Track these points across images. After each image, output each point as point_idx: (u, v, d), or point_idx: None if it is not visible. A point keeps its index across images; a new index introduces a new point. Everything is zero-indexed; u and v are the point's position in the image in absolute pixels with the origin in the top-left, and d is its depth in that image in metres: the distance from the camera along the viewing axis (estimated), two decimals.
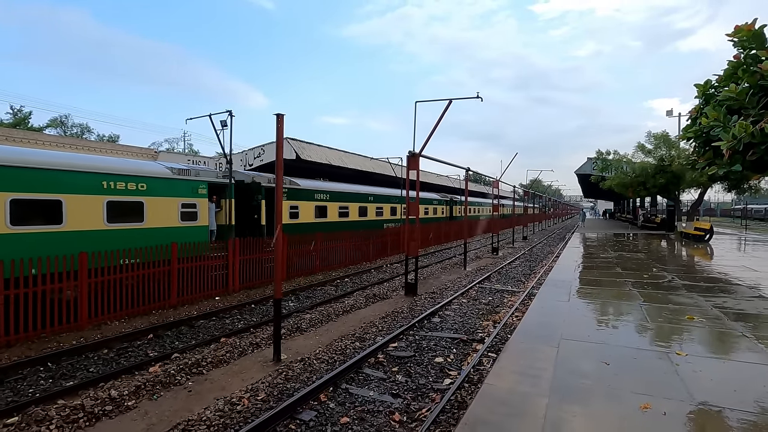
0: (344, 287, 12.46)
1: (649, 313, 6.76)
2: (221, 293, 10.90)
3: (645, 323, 6.19)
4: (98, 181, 9.03)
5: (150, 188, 9.99)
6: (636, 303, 7.45)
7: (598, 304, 7.57)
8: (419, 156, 11.28)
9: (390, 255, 19.29)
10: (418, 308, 9.66)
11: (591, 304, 7.49)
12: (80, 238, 8.64)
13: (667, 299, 7.76)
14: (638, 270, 11.20)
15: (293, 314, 9.12)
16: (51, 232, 8.30)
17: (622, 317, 6.59)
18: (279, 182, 6.35)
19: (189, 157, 23.90)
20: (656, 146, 21.73)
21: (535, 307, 7.39)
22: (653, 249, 16.89)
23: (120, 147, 25.70)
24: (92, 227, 8.88)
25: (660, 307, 7.17)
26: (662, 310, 6.92)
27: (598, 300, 7.84)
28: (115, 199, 9.29)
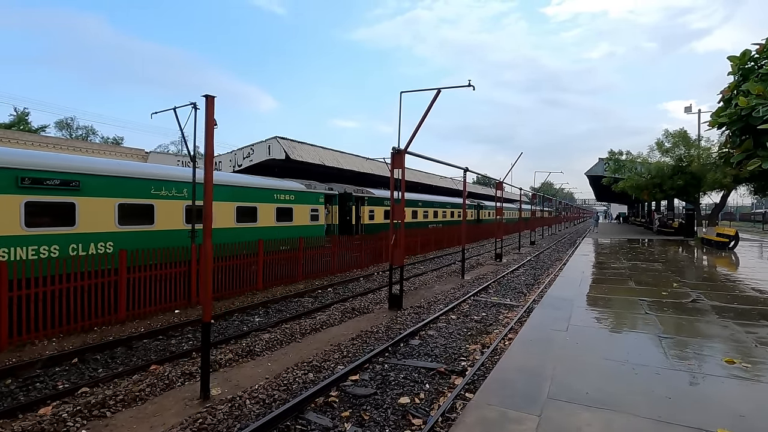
0: (324, 298, 11.27)
1: (671, 350, 5.20)
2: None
3: (667, 369, 4.55)
4: (273, 194, 13.59)
5: (296, 198, 14.51)
6: (653, 335, 5.86)
7: (605, 335, 5.92)
8: (405, 153, 10.05)
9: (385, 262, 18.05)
10: (398, 326, 8.40)
11: (595, 336, 5.85)
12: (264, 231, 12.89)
13: (693, 329, 6.19)
14: (655, 285, 9.64)
15: (251, 333, 7.93)
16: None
17: (635, 358, 4.89)
18: (208, 175, 5.18)
19: (179, 158, 23.02)
20: (674, 145, 20.08)
21: (522, 338, 5.87)
22: (671, 258, 15.25)
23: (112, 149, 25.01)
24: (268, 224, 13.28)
25: (685, 341, 5.59)
26: (689, 347, 5.36)
27: (605, 329, 6.23)
28: (280, 206, 13.83)
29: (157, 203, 9.93)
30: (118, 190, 9.02)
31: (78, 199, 8.50)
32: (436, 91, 9.69)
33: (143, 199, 9.65)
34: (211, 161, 5.22)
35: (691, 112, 22.44)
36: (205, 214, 5.19)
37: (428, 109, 9.78)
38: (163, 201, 10.06)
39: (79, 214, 8.48)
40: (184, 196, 10.52)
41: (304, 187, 15.00)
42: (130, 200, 9.33)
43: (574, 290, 9.08)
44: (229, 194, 11.93)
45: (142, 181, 9.67)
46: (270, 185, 13.61)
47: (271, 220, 13.34)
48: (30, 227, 7.75)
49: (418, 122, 9.86)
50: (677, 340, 5.67)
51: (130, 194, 9.37)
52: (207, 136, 5.22)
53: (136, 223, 9.46)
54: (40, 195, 7.91)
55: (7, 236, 7.43)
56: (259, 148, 19.42)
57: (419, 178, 31.47)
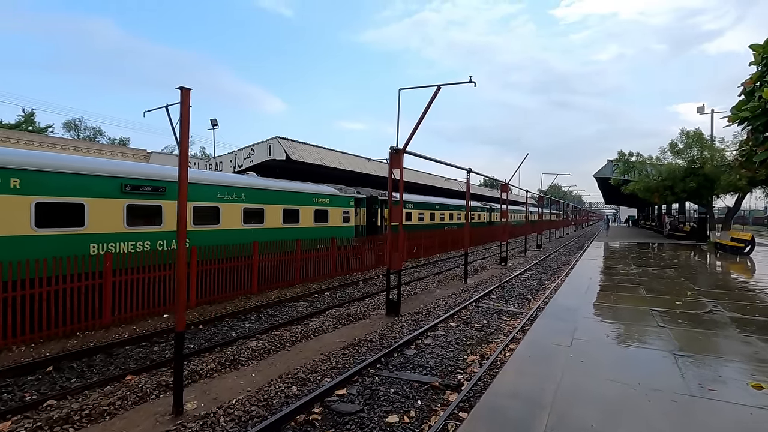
0: (320, 303, 10.88)
1: (688, 371, 4.61)
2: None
3: (685, 396, 3.96)
4: (312, 197, 14.85)
5: (331, 202, 15.77)
6: (667, 352, 5.26)
7: (613, 352, 5.32)
8: (403, 152, 9.64)
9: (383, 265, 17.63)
10: (394, 335, 7.97)
11: (602, 353, 5.26)
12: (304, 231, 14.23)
13: (712, 345, 5.61)
14: (668, 293, 9.06)
15: (238, 341, 7.56)
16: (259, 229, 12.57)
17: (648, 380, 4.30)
18: (182, 174, 4.82)
19: None
20: (687, 146, 19.38)
21: (521, 354, 5.28)
22: (684, 263, 14.60)
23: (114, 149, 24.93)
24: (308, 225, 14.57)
25: (704, 360, 4.98)
26: (708, 367, 4.78)
27: (614, 344, 5.66)
28: (318, 208, 15.08)
29: (222, 206, 11.42)
30: (193, 195, 9.89)
31: (164, 202, 9.94)
32: (436, 87, 9.28)
33: (212, 202, 11.17)
34: (185, 157, 4.86)
35: (704, 112, 21.72)
36: (180, 216, 4.83)
37: (428, 106, 9.37)
38: (226, 204, 11.56)
39: (164, 215, 9.94)
40: (242, 199, 12.05)
41: (337, 192, 16.44)
42: (202, 203, 10.86)
43: (581, 298, 8.55)
44: (278, 198, 13.41)
45: (211, 187, 11.21)
46: (310, 189, 14.99)
47: (310, 222, 14.76)
48: (130, 226, 9.24)
49: (418, 120, 9.45)
50: (695, 359, 5.08)
51: (203, 198, 10.90)
52: (182, 131, 4.87)
53: (206, 223, 10.96)
54: (137, 199, 9.44)
55: (114, 233, 8.95)
56: (260, 149, 19.15)
57: (424, 180, 31.07)
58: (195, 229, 10.56)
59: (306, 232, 14.26)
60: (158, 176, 9.94)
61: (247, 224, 12.12)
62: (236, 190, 11.82)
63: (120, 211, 9.06)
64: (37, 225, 7.70)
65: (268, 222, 12.88)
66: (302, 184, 15.26)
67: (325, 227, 15.28)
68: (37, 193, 7.73)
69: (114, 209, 8.96)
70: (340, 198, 16.39)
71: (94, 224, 8.59)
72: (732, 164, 15.77)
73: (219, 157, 21.50)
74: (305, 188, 14.81)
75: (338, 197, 16.31)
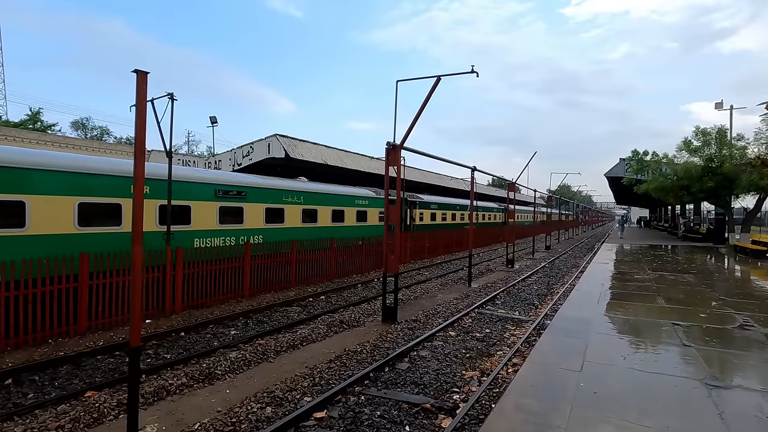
0: (314, 308, 10.31)
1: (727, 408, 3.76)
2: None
3: None
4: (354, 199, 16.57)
5: (369, 203, 17.37)
6: (698, 381, 4.33)
7: (633, 381, 4.39)
8: (401, 148, 9.03)
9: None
10: (387, 345, 7.36)
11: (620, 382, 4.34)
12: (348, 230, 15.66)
13: (752, 372, 4.79)
14: (690, 303, 8.21)
15: (217, 351, 7.00)
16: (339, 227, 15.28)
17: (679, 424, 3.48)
18: (138, 170, 4.26)
19: (179, 157, 22.48)
20: (704, 143, 18.41)
21: (521, 383, 4.45)
22: (703, 268, 13.69)
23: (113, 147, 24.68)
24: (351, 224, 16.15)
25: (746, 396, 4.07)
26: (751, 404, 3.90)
27: (633, 370, 4.71)
28: (359, 209, 16.76)
29: (286, 207, 13.18)
30: (267, 198, 12.46)
31: (244, 204, 11.72)
32: (436, 78, 8.64)
33: (279, 204, 12.95)
34: (142, 148, 4.29)
35: (722, 108, 20.67)
36: (135, 217, 4.26)
37: (427, 97, 8.74)
38: (289, 205, 13.36)
39: (245, 215, 11.74)
40: (301, 201, 13.84)
41: (374, 194, 18.16)
42: (272, 205, 12.73)
43: (592, 308, 7.77)
44: (328, 200, 15.21)
45: (279, 191, 13.08)
46: (353, 192, 16.87)
47: (353, 221, 16.49)
48: (221, 224, 11.02)
49: (417, 112, 8.83)
50: (735, 392, 4.19)
51: (273, 200, 12.78)
52: (138, 118, 4.29)
53: (274, 222, 12.78)
54: (226, 202, 11.20)
55: (210, 230, 10.78)
56: (259, 147, 18.67)
57: (430, 180, 30.37)
58: (267, 227, 12.43)
59: (350, 230, 15.97)
60: (241, 183, 11.91)
61: (305, 223, 13.98)
62: (296, 193, 13.71)
63: (214, 212, 10.93)
64: (159, 223, 9.54)
65: (321, 221, 14.74)
66: (347, 187, 17.16)
67: (365, 226, 17.05)
68: (161, 198, 9.35)
69: (210, 210, 10.85)
70: (376, 200, 18.12)
71: (196, 222, 10.47)
72: (754, 162, 14.88)
73: (218, 155, 21.08)
74: (349, 191, 16.74)
75: (375, 199, 18.03)
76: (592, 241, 36.85)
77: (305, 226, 13.89)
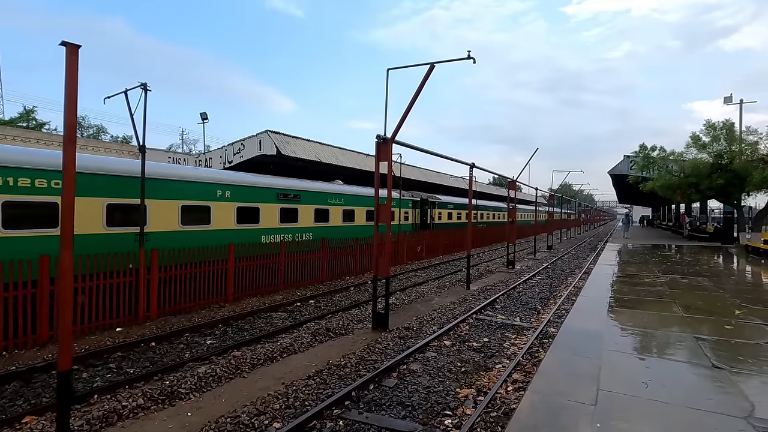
0: (301, 313, 9.66)
1: None
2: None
3: None
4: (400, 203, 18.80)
5: (396, 204, 18.15)
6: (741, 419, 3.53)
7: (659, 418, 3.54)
8: (392, 142, 8.36)
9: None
10: (374, 357, 6.70)
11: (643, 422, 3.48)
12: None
13: None
14: (710, 311, 7.39)
15: (186, 365, 6.35)
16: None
17: None
18: (67, 159, 3.59)
19: (169, 155, 21.84)
20: (713, 139, 17.64)
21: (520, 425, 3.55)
22: (716, 270, 12.85)
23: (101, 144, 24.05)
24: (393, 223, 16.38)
25: None
26: None
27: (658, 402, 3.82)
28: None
29: (330, 208, 15.01)
30: (316, 200, 14.36)
31: (299, 206, 13.54)
32: (429, 66, 7.96)
33: (324, 205, 14.82)
34: (72, 137, 3.63)
35: (732, 102, 19.88)
36: (63, 217, 3.59)
37: (421, 85, 8.06)
38: (333, 206, 15.21)
39: (299, 215, 13.58)
40: (342, 203, 15.66)
41: (398, 195, 19.62)
42: (320, 206, 14.61)
43: (601, 318, 6.97)
44: (362, 201, 16.92)
45: (325, 194, 14.94)
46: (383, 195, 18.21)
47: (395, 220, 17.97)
48: (281, 222, 12.83)
49: (409, 103, 8.15)
50: None
51: (320, 202, 14.65)
52: (67, 95, 3.62)
53: (321, 221, 14.60)
54: (285, 203, 13.04)
55: (272, 228, 12.51)
56: (250, 144, 18.01)
57: (430, 178, 29.67)
58: (315, 225, 14.16)
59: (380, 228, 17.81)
60: (297, 187, 13.78)
61: (345, 222, 15.63)
62: (338, 196, 15.48)
63: (277, 212, 12.75)
64: (237, 222, 11.31)
65: (357, 220, 16.42)
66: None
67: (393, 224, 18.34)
68: (238, 200, 11.32)
69: (274, 211, 12.63)
70: (402, 200, 19.96)
71: (264, 222, 12.22)
72: (767, 158, 14.15)
73: (210, 152, 20.45)
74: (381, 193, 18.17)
75: (401, 200, 19.83)
76: (594, 241, 36.13)
77: (344, 224, 15.74)
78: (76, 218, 3.63)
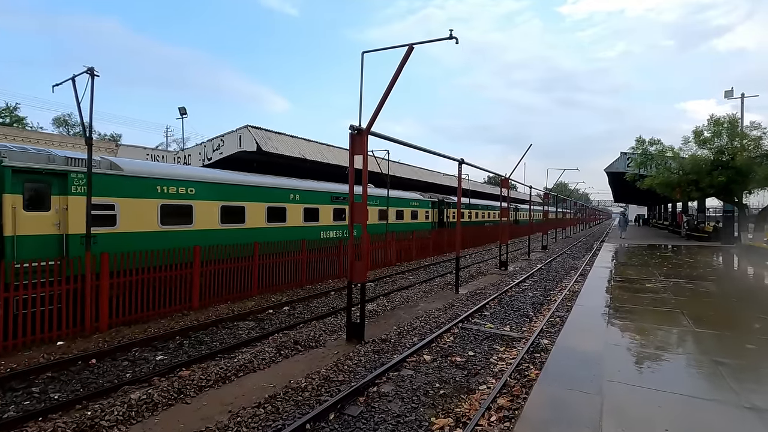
0: (271, 322, 8.83)
1: None
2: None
3: None
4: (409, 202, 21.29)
5: (419, 205, 22.12)
6: None
7: None
8: (367, 134, 7.52)
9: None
10: (342, 377, 5.86)
11: None
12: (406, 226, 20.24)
13: None
14: (724, 324, 6.49)
15: (120, 388, 5.48)
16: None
17: None
18: None
19: (148, 151, 20.89)
20: (714, 134, 16.89)
21: None
22: (722, 273, 11.92)
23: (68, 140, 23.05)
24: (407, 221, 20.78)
25: None
26: None
27: None
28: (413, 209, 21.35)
29: (370, 209, 16.25)
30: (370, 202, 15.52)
31: (347, 206, 14.38)
32: (408, 47, 7.13)
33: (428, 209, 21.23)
34: None
35: (733, 97, 19.16)
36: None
37: (398, 70, 7.22)
38: (371, 207, 17.25)
39: (418, 215, 19.17)
40: (378, 204, 18.06)
41: (422, 197, 22.83)
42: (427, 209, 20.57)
43: (600, 335, 6.03)
44: (393, 203, 19.35)
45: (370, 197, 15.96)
46: (409, 196, 21.53)
47: (410, 219, 21.06)
48: (334, 221, 15.30)
49: (387, 87, 7.30)
50: None
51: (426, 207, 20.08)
52: None
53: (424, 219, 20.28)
54: (336, 204, 15.44)
55: (329, 225, 14.99)
56: (230, 139, 17.10)
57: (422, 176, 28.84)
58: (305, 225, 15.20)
59: (408, 226, 20.27)
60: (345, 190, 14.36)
61: (380, 221, 18.00)
62: (376, 197, 17.90)
63: (330, 212, 15.22)
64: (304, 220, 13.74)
65: (390, 219, 18.82)
66: (406, 192, 21.82)
67: (417, 222, 21.52)
68: (304, 202, 13.84)
69: (328, 211, 15.15)
70: (424, 202, 22.72)
71: (322, 220, 14.74)
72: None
73: (188, 149, 19.52)
74: (407, 195, 21.47)
75: (423, 201, 22.65)
76: (590, 240, 35.45)
77: (379, 223, 18.06)
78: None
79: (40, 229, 7.68)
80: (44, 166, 7.72)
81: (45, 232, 7.72)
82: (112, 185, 8.71)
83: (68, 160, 8.09)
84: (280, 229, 12.84)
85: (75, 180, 8.03)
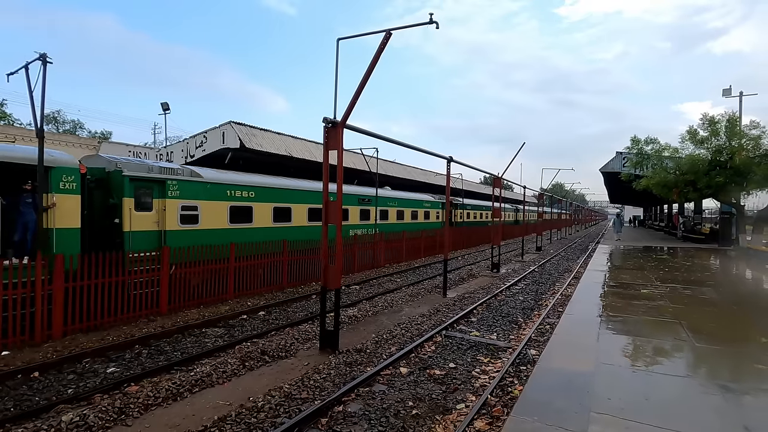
0: (242, 329, 8.26)
1: None
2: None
3: None
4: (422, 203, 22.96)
5: (431, 206, 23.64)
6: None
7: None
8: (342, 127, 6.98)
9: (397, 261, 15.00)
10: (306, 393, 5.30)
11: None
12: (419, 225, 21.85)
13: None
14: (728, 338, 5.87)
15: (56, 407, 4.90)
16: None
17: None
18: None
19: (130, 148, 20.24)
20: (712, 133, 16.43)
21: None
22: (722, 278, 11.45)
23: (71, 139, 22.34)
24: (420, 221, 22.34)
25: None
26: None
27: None
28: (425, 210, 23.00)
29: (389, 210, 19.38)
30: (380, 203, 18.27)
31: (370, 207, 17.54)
32: (386, 33, 6.58)
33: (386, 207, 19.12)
34: None
35: (731, 95, 18.76)
36: None
37: (376, 56, 6.68)
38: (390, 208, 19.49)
39: (371, 215, 17.59)
40: (396, 205, 19.99)
41: (433, 198, 24.17)
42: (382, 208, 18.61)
43: (589, 351, 5.35)
44: (409, 204, 21.24)
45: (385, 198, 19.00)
46: (422, 198, 23.04)
47: (422, 219, 22.48)
48: (360, 220, 16.99)
49: (364, 76, 6.76)
50: None
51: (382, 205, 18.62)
52: None
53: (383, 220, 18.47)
54: (362, 206, 17.11)
55: (355, 224, 16.54)
56: (213, 136, 16.53)
57: (414, 175, 28.34)
58: (379, 223, 17.83)
59: (420, 225, 21.62)
60: (369, 194, 17.64)
61: (398, 220, 19.68)
62: (394, 199, 19.69)
63: (357, 212, 16.75)
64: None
65: (405, 219, 20.49)
66: (420, 194, 23.36)
67: (428, 222, 22.97)
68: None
69: (356, 212, 16.63)
70: (435, 203, 24.09)
71: (351, 220, 16.09)
72: None
73: (171, 146, 18.90)
74: (421, 197, 22.93)
75: (434, 202, 24.05)
76: (585, 242, 35.04)
77: (397, 222, 19.62)
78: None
79: (146, 226, 9.20)
80: (149, 175, 9.25)
81: (149, 228, 9.25)
82: (197, 190, 10.28)
83: (162, 170, 9.60)
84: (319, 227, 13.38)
85: (171, 186, 9.63)
